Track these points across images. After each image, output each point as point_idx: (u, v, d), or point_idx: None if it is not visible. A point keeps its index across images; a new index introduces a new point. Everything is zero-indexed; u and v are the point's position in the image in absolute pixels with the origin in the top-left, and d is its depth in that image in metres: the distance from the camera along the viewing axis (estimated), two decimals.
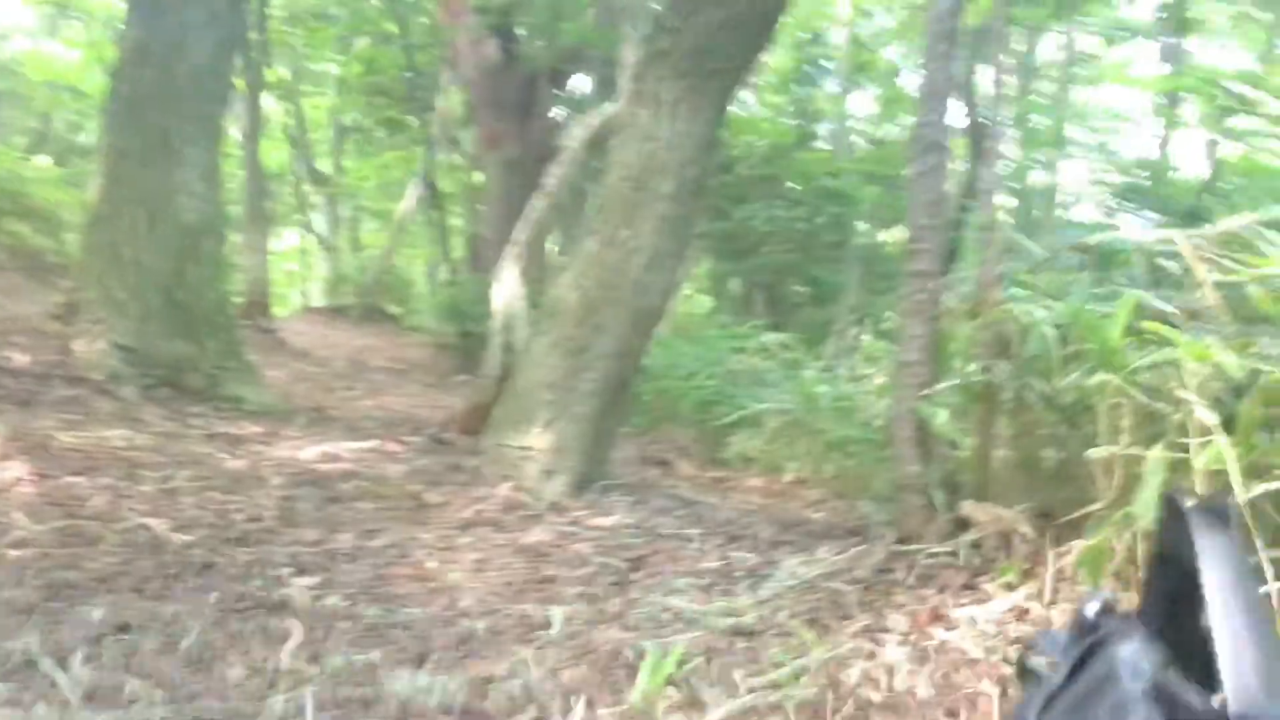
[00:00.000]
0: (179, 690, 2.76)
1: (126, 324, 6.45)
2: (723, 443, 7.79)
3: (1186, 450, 2.88)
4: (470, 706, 2.81)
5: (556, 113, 13.80)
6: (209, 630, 3.24)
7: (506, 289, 7.66)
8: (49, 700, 2.62)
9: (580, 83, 15.17)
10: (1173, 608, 0.51)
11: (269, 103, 15.85)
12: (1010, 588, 3.42)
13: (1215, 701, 0.44)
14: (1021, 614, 3.21)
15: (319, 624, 3.44)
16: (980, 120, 4.37)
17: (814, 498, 6.50)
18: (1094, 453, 3.27)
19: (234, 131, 12.99)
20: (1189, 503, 0.52)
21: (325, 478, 5.42)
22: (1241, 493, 2.68)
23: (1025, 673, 0.58)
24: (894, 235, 14.75)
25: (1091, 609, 0.53)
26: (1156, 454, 2.90)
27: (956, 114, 7.95)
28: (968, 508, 3.84)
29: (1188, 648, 0.47)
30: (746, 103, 18.16)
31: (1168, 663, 0.48)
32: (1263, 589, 2.58)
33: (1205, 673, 0.45)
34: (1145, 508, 2.83)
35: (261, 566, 3.96)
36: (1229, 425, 2.96)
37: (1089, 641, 0.51)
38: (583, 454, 5.53)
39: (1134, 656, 0.48)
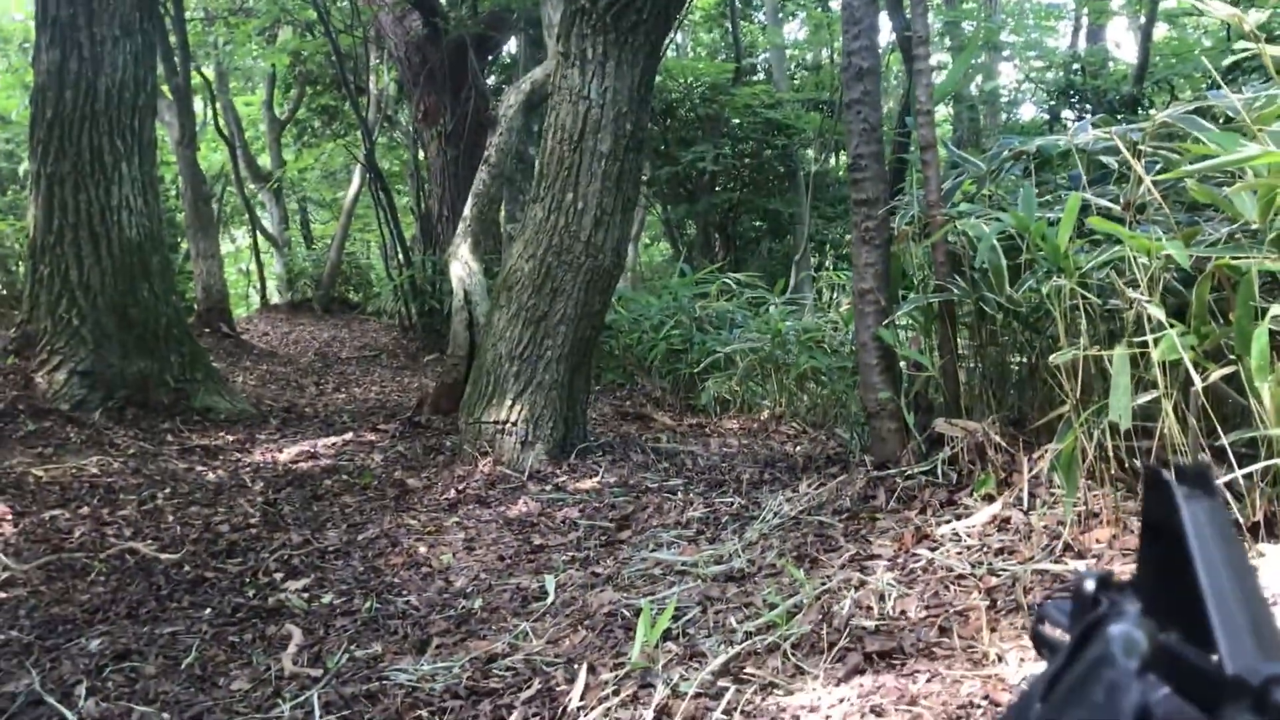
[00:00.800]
0: (186, 711, 2.79)
1: (84, 349, 6.40)
2: (696, 389, 7.83)
3: (1145, 345, 2.93)
4: (476, 687, 2.85)
5: (490, 81, 13.68)
6: (208, 646, 3.26)
7: (462, 265, 7.65)
8: None
9: (510, 47, 15.01)
10: (1165, 577, 0.52)
11: (199, 106, 15.58)
12: (989, 499, 3.48)
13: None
14: (1003, 523, 3.27)
15: (317, 624, 3.47)
16: (909, 35, 4.36)
17: (791, 432, 6.55)
18: (1057, 357, 3.31)
19: (167, 140, 12.79)
20: (1170, 473, 0.54)
21: (306, 477, 5.43)
22: (1198, 380, 2.73)
23: (1041, 644, 0.60)
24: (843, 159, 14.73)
25: (1090, 584, 0.55)
26: (1120, 351, 2.94)
27: (886, 32, 7.93)
28: (940, 425, 3.89)
29: (1183, 615, 0.49)
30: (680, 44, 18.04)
31: (1165, 628, 0.50)
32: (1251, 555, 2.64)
33: (1201, 637, 0.47)
34: (1117, 407, 2.87)
35: (253, 575, 3.98)
36: (1182, 314, 3.01)
37: (1089, 619, 0.53)
38: (557, 420, 5.55)
39: (1127, 633, 0.50)
